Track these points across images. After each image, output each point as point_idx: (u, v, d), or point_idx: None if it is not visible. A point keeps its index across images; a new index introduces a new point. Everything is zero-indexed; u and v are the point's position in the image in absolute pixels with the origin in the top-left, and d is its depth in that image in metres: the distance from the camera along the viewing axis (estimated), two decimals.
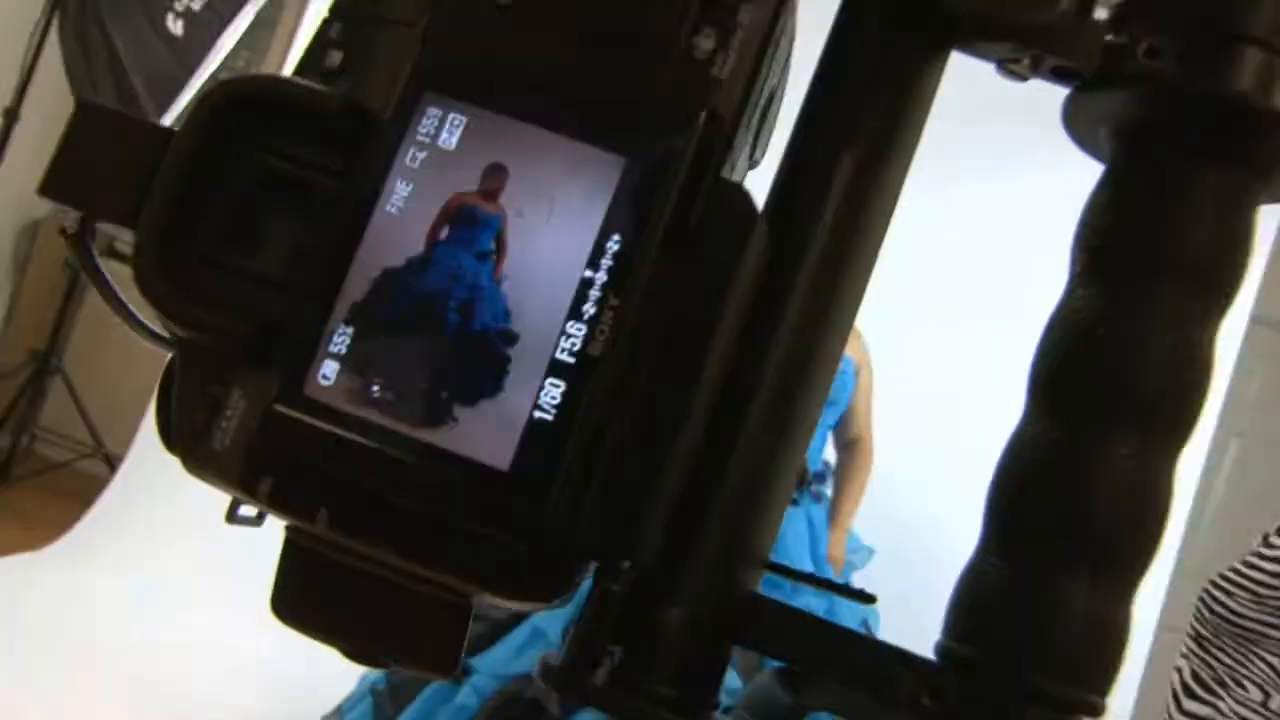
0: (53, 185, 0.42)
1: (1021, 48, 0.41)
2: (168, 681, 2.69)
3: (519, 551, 0.37)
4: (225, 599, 2.71)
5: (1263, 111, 0.39)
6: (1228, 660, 1.61)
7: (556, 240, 0.38)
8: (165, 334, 0.45)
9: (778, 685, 0.41)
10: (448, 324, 0.38)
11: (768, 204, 0.41)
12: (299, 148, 0.40)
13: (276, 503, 0.39)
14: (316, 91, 0.40)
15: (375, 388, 0.38)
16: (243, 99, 0.40)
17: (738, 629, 0.40)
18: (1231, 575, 1.76)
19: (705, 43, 0.39)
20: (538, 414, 0.37)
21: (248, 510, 0.44)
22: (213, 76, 3.70)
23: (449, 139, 0.38)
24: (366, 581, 0.40)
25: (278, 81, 0.40)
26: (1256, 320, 3.16)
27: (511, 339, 0.37)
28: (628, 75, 0.39)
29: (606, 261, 0.37)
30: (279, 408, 0.38)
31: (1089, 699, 0.39)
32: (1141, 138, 0.41)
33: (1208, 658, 1.71)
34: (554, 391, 0.37)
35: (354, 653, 0.41)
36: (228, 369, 0.40)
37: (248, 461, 0.39)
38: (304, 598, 0.41)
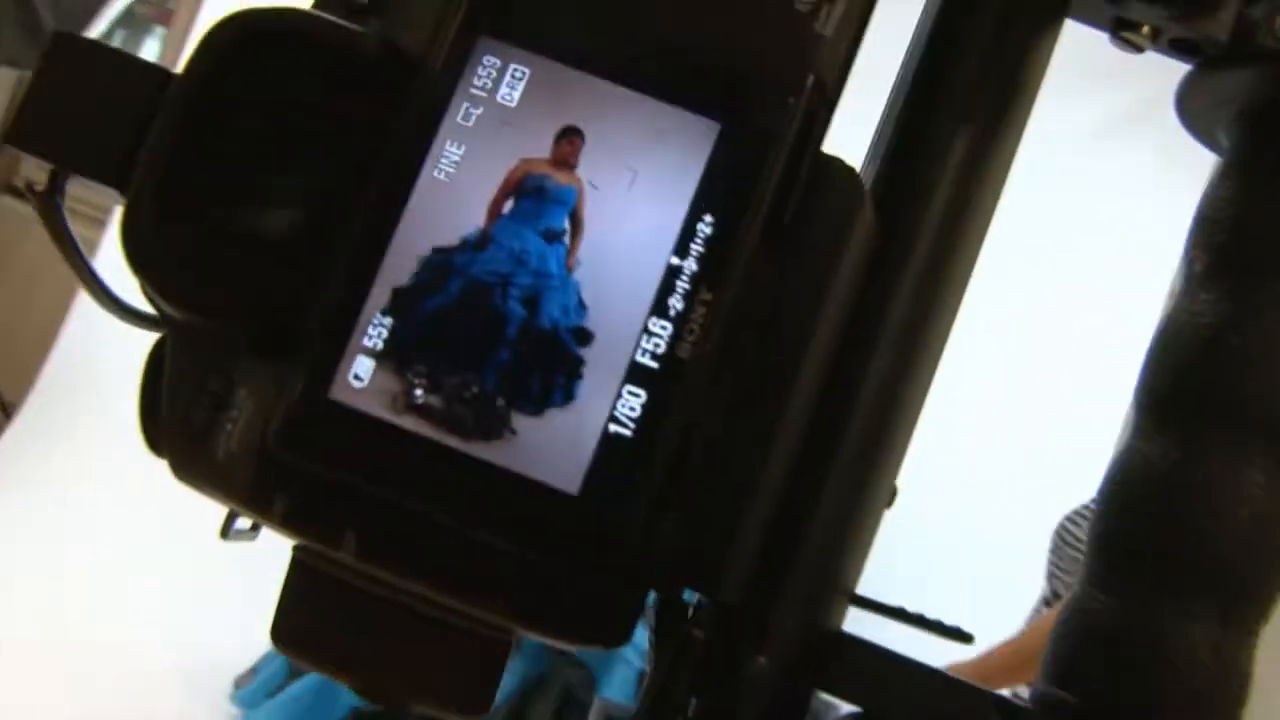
0: (22, 132, 0.35)
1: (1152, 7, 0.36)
2: (68, 642, 2.59)
3: (586, 588, 0.32)
4: (128, 555, 2.61)
5: None
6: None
7: (639, 220, 0.32)
8: (146, 311, 0.39)
9: None
10: (510, 317, 0.32)
11: (872, 184, 0.35)
12: (326, 96, 0.33)
13: (293, 524, 0.33)
14: (349, 30, 0.33)
15: (418, 391, 0.32)
16: (260, 36, 0.33)
17: (821, 672, 0.35)
18: (1083, 509, 1.81)
19: None
20: (613, 427, 0.31)
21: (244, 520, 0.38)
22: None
23: (509, 94, 0.32)
24: (388, 610, 0.34)
25: (302, 16, 0.33)
26: None
27: (585, 337, 0.32)
28: (720, 25, 0.33)
29: (697, 247, 0.32)
30: (300, 412, 0.32)
31: None
32: (1273, 121, 0.37)
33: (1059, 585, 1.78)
34: (633, 401, 0.31)
35: (368, 690, 0.36)
36: (231, 359, 0.33)
37: (259, 474, 0.33)
38: (312, 626, 0.35)
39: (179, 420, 0.34)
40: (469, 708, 0.35)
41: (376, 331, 0.32)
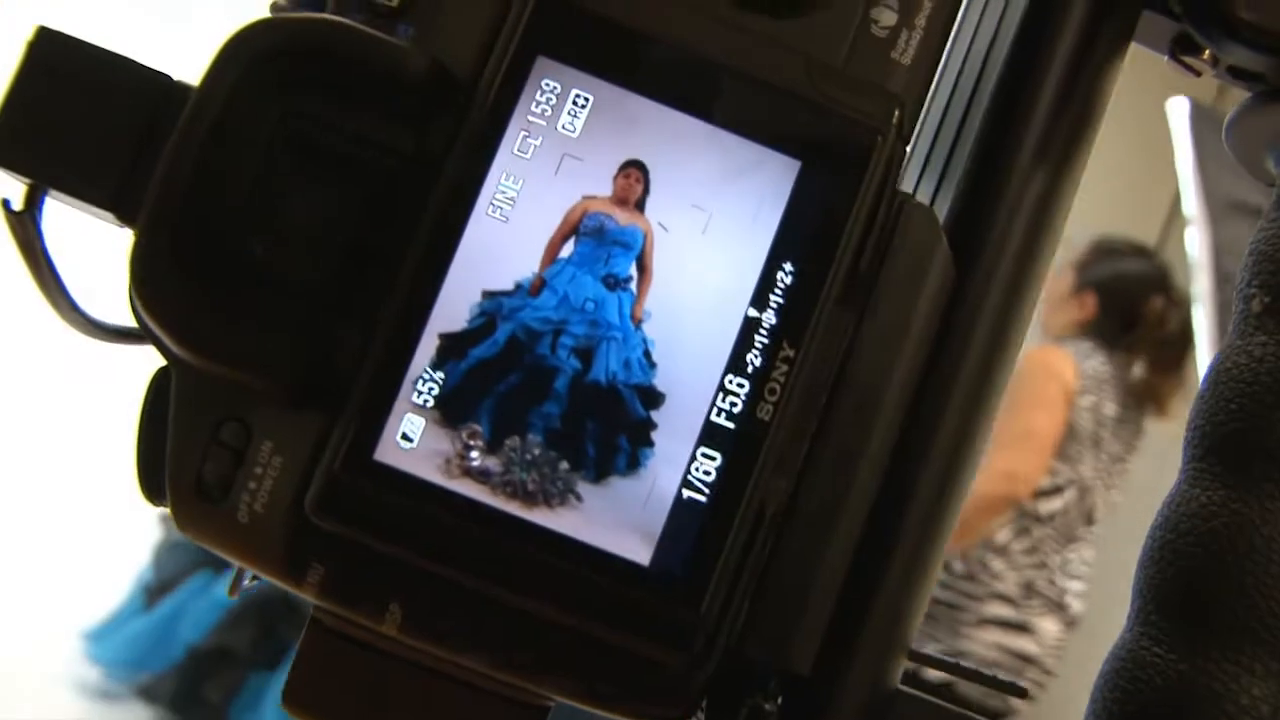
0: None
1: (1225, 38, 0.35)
2: None
3: (656, 664, 0.30)
4: None
5: None
6: None
7: (713, 268, 0.29)
8: (127, 326, 0.35)
9: None
10: (559, 371, 0.29)
11: (946, 221, 0.33)
12: (364, 119, 0.30)
13: (331, 595, 0.30)
14: (391, 45, 0.30)
15: (474, 453, 0.29)
16: (289, 49, 0.29)
17: None
18: None
19: (886, 15, 0.31)
20: (687, 493, 0.29)
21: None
22: None
23: (571, 123, 0.30)
24: (418, 676, 0.32)
25: (337, 27, 0.30)
26: (1063, 244, 3.25)
27: (654, 398, 0.29)
28: (799, 55, 0.30)
29: (776, 298, 0.29)
30: (343, 477, 0.29)
31: None
32: None
33: None
34: (708, 465, 0.29)
35: None
36: (248, 407, 0.30)
37: (293, 541, 0.30)
38: (329, 690, 0.32)
39: (187, 472, 0.30)
40: None
41: (427, 387, 0.29)
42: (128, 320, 0.37)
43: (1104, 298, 2.10)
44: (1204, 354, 1.96)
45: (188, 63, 0.35)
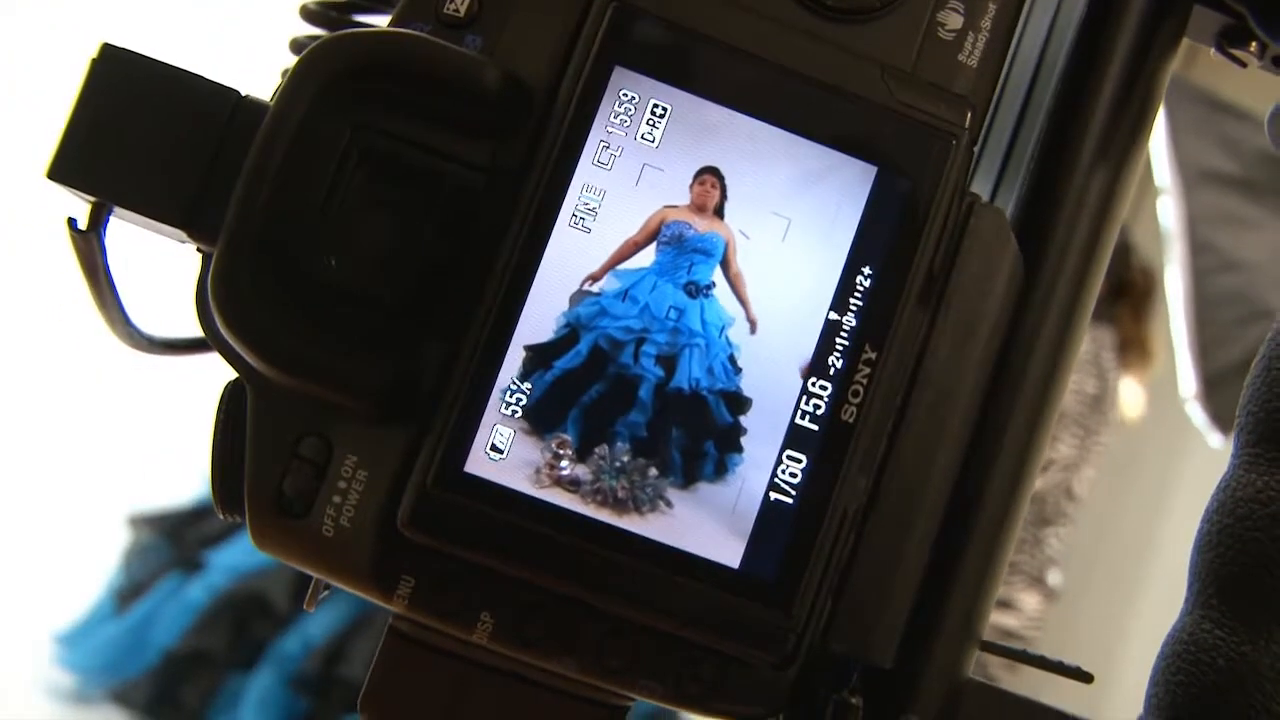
0: (67, 166, 0.31)
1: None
2: None
3: (744, 664, 0.31)
4: None
5: None
6: None
7: (794, 273, 0.30)
8: (186, 338, 0.35)
9: None
10: (643, 379, 0.30)
11: (1013, 221, 0.34)
12: (434, 132, 0.30)
13: (422, 607, 0.30)
14: (466, 58, 0.30)
15: (564, 463, 0.29)
16: (367, 65, 0.30)
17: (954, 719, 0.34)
18: None
19: (952, 18, 0.32)
20: (774, 496, 0.30)
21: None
22: None
23: (651, 132, 0.30)
24: (498, 680, 0.32)
25: (412, 42, 0.30)
26: None
27: (741, 404, 0.30)
28: (872, 61, 0.31)
29: (856, 301, 0.30)
30: (435, 489, 0.29)
31: None
32: None
33: None
34: (794, 467, 0.30)
35: None
36: (328, 421, 0.31)
37: (382, 554, 0.30)
38: (411, 699, 0.33)
39: (268, 487, 0.31)
40: None
41: (515, 398, 0.29)
42: (172, 333, 0.37)
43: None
44: (1178, 321, 1.99)
45: (242, 66, 0.36)
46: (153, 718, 2.14)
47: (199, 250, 0.33)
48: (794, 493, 0.30)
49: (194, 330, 0.33)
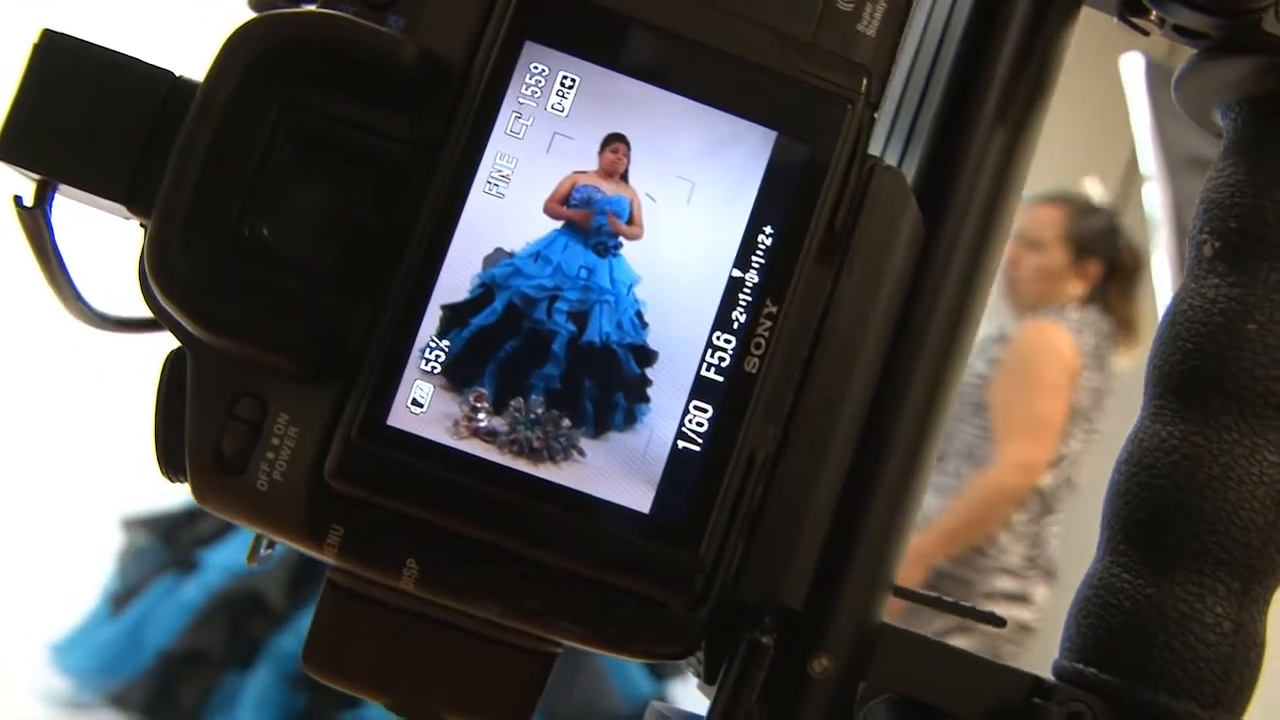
0: (11, 145, 0.33)
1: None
2: None
3: (658, 606, 0.33)
4: None
5: None
6: None
7: (698, 232, 0.32)
8: (137, 316, 0.37)
9: (896, 719, 0.38)
10: (555, 334, 0.32)
11: (914, 183, 0.36)
12: (358, 107, 0.32)
13: (350, 555, 0.32)
14: (385, 36, 0.32)
15: (481, 415, 0.31)
16: (290, 42, 0.32)
17: (867, 665, 0.36)
18: None
19: None
20: (682, 444, 0.32)
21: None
22: None
23: (560, 103, 0.32)
24: (432, 629, 0.34)
25: (334, 21, 0.32)
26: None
27: (648, 357, 0.32)
28: (771, 30, 0.33)
29: (758, 259, 0.32)
30: (359, 442, 0.31)
31: None
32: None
33: None
34: (700, 417, 0.32)
35: (406, 708, 0.36)
36: (263, 383, 0.33)
37: (312, 505, 0.32)
38: (349, 649, 0.35)
39: (206, 446, 0.33)
40: (511, 718, 0.35)
41: (434, 355, 0.31)
42: (127, 312, 0.39)
43: (1104, 259, 2.15)
44: (1165, 305, 2.01)
45: (184, 56, 0.38)
46: (150, 719, 2.16)
47: (141, 225, 0.35)
48: (701, 441, 0.32)
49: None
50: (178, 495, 2.26)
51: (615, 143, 0.32)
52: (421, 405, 0.31)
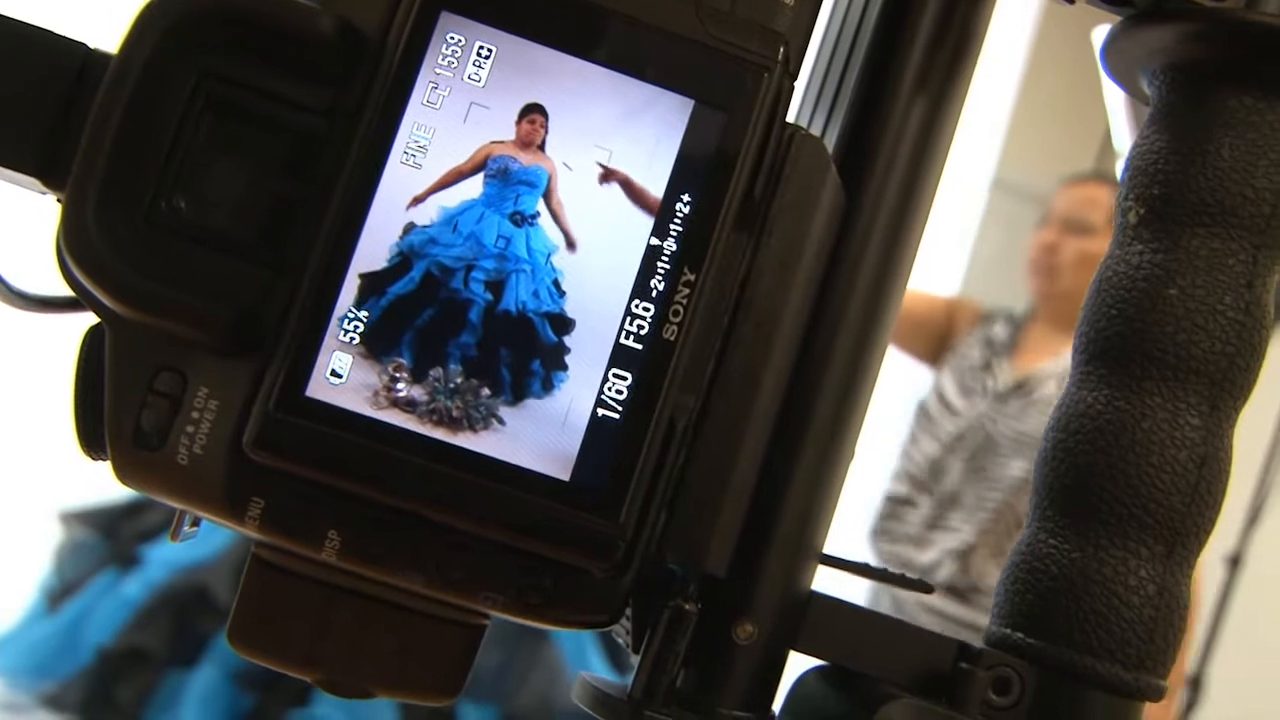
0: None
1: None
2: None
3: (581, 574, 0.34)
4: None
5: None
6: None
7: (616, 201, 0.34)
8: (58, 296, 0.38)
9: (827, 687, 0.40)
10: (472, 303, 0.33)
11: (834, 150, 0.38)
12: (274, 77, 0.34)
13: (271, 527, 0.34)
14: (302, 7, 0.33)
15: (400, 385, 0.33)
16: (204, 14, 0.33)
17: (796, 633, 0.38)
18: None
19: None
20: (602, 412, 0.33)
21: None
22: None
23: (477, 73, 0.33)
24: (359, 603, 0.36)
25: None
26: (995, 184, 3.34)
27: (565, 325, 0.33)
28: None
29: (676, 227, 0.34)
30: (278, 413, 0.32)
31: (1155, 682, 0.39)
32: (1205, 75, 0.40)
33: None
34: (619, 384, 0.33)
35: (334, 683, 0.37)
36: (182, 357, 0.34)
37: (232, 478, 0.33)
38: (275, 624, 0.36)
39: (125, 422, 0.34)
40: (443, 692, 0.36)
41: (352, 325, 0.33)
42: (50, 291, 0.41)
43: None
44: None
45: (99, 29, 0.39)
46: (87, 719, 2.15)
47: (57, 200, 0.36)
48: (620, 408, 0.33)
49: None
50: (120, 488, 2.26)
51: (532, 113, 0.33)
52: (340, 376, 0.33)
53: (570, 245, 0.33)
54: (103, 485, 2.27)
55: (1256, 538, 2.55)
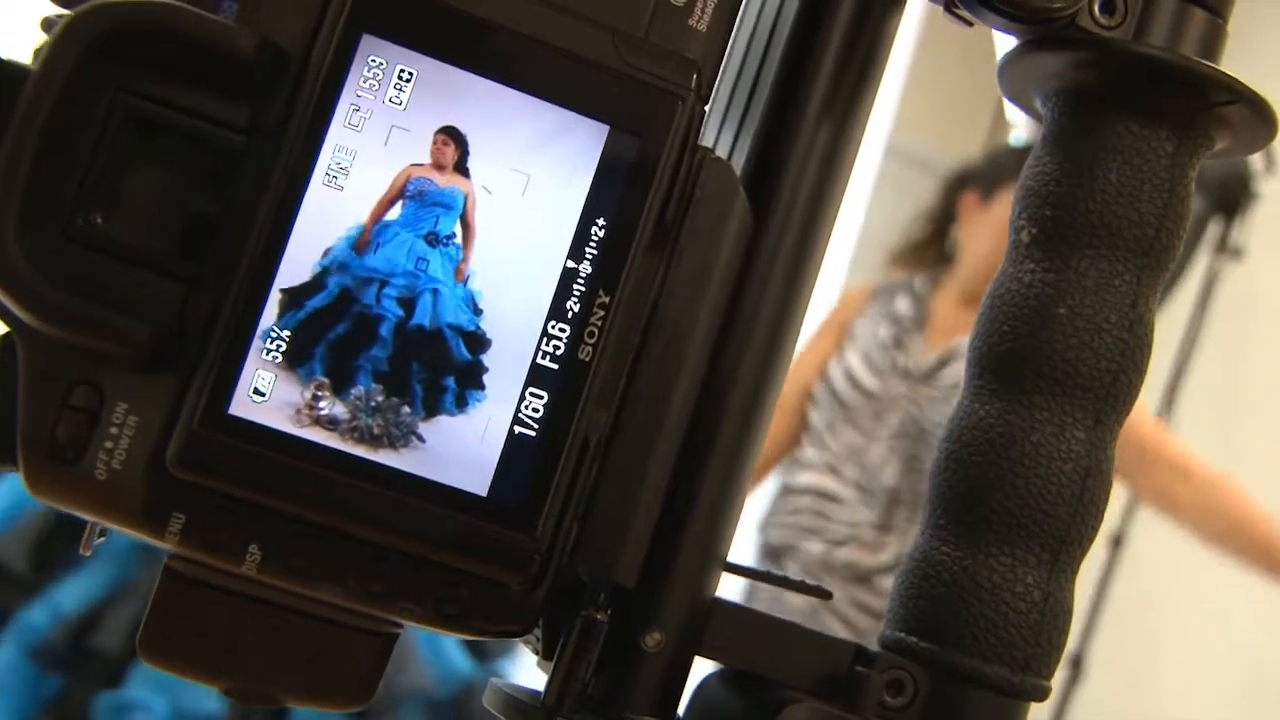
0: None
1: None
2: None
3: (496, 586, 0.37)
4: None
5: (1209, 76, 0.43)
6: None
7: (532, 224, 0.36)
8: None
9: (728, 690, 0.43)
10: (383, 318, 0.36)
11: (742, 172, 0.40)
12: (193, 95, 0.36)
13: (191, 542, 0.36)
14: (220, 25, 0.35)
15: (322, 403, 0.35)
16: (124, 30, 0.35)
17: (701, 639, 0.41)
18: None
19: None
20: (518, 430, 0.36)
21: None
22: None
23: (398, 96, 0.36)
24: (272, 613, 0.38)
25: (168, 10, 0.35)
26: (888, 151, 3.41)
27: (482, 344, 0.36)
28: (604, 26, 0.37)
29: (591, 250, 0.36)
30: (201, 431, 0.34)
31: (1040, 684, 0.43)
32: (1095, 101, 0.44)
33: None
34: (536, 403, 0.36)
35: (243, 693, 0.39)
36: (99, 371, 0.36)
37: (152, 494, 0.35)
38: (186, 635, 0.38)
39: (39, 435, 0.36)
40: (354, 699, 0.39)
41: (274, 344, 0.35)
42: None
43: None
44: None
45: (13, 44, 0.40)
46: None
47: None
48: (537, 426, 0.36)
49: None
50: None
51: (442, 134, 0.36)
52: (263, 394, 0.35)
53: (489, 267, 0.36)
54: None
55: (1138, 518, 2.65)
